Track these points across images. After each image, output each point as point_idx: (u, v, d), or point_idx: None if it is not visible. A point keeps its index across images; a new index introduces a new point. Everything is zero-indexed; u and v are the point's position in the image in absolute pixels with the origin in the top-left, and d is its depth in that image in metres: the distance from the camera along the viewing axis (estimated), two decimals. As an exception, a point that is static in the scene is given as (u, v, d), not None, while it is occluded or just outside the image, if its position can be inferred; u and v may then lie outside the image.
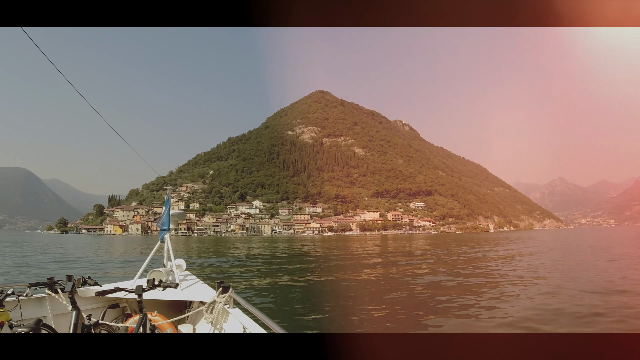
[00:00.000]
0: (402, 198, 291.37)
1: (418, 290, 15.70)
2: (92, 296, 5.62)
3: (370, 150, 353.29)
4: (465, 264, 26.34)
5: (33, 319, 4.26)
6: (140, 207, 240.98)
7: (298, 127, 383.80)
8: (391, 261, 29.15)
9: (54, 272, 22.31)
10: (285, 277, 20.41)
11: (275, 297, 14.58)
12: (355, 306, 12.74)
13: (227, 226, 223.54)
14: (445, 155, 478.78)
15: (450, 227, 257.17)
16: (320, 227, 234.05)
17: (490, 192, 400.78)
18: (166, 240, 6.96)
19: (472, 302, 12.93)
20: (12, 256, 35.61)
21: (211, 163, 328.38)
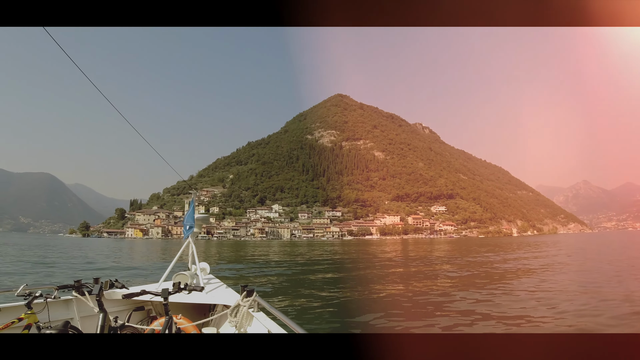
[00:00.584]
0: (422, 202, 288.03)
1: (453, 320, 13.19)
2: (118, 299, 5.62)
3: (390, 154, 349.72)
4: (502, 279, 24.25)
5: (61, 320, 4.28)
6: (161, 210, 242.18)
7: (317, 131, 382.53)
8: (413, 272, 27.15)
9: (79, 275, 22.36)
10: (309, 284, 19.57)
11: (300, 302, 14.09)
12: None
13: (247, 230, 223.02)
14: (466, 158, 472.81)
15: (473, 231, 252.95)
16: (339, 231, 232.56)
17: (513, 196, 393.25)
18: (190, 245, 7.11)
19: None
20: (33, 259, 35.55)
21: (231, 167, 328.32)
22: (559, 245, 68.61)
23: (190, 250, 7.23)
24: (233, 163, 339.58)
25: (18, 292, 4.27)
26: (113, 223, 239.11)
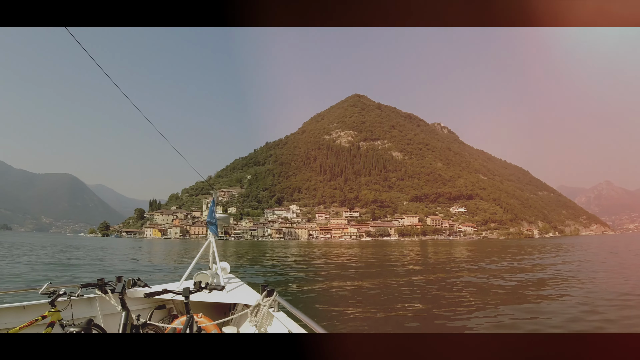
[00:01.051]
0: (441, 202, 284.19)
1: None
2: (140, 297, 5.76)
3: (408, 154, 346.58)
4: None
5: (84, 318, 4.51)
6: (179, 211, 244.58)
7: (335, 131, 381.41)
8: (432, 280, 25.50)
9: (99, 274, 22.15)
10: (328, 287, 18.76)
11: (320, 304, 14.03)
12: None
13: (264, 230, 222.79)
14: (486, 158, 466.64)
15: (493, 233, 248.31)
16: (357, 232, 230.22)
17: (534, 196, 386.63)
18: (211, 244, 7.26)
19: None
20: (52, 257, 36.20)
21: (249, 168, 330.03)
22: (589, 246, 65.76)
23: (211, 249, 7.29)
24: (251, 164, 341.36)
25: (42, 291, 4.34)
26: (132, 223, 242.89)
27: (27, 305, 4.71)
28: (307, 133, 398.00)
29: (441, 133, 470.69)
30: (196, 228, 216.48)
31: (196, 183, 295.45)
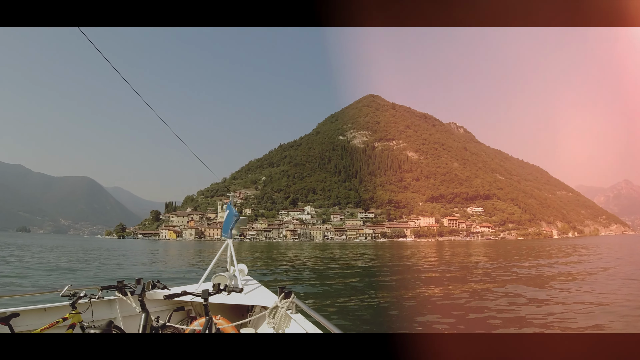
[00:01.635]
0: (458, 203, 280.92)
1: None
2: (159, 299, 5.84)
3: (423, 154, 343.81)
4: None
5: (104, 320, 4.62)
6: (195, 212, 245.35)
7: (349, 132, 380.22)
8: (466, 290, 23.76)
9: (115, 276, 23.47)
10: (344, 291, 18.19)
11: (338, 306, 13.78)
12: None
13: (279, 232, 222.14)
14: (503, 157, 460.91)
15: (511, 233, 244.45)
16: (373, 233, 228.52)
17: (552, 196, 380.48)
18: (229, 246, 7.31)
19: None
20: (69, 260, 35.96)
21: (263, 169, 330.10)
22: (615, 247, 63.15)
23: (228, 252, 7.35)
24: (265, 165, 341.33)
25: (63, 293, 4.44)
26: (148, 225, 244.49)
27: (48, 307, 4.78)
28: (321, 134, 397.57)
29: (457, 132, 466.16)
30: (211, 229, 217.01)
31: (211, 185, 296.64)
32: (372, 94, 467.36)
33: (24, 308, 4.53)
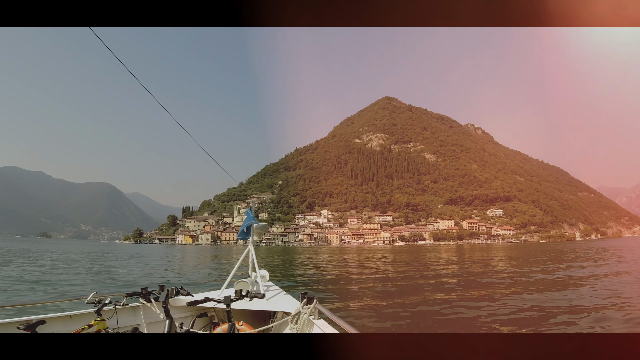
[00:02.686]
0: (478, 205, 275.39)
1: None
2: (183, 305, 5.89)
3: (441, 156, 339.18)
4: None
5: (129, 326, 4.88)
6: (211, 217, 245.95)
7: (365, 135, 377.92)
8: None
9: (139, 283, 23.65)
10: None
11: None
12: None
13: (295, 236, 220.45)
14: (522, 159, 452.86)
15: (533, 236, 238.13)
16: (390, 237, 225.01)
17: (574, 198, 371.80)
18: (251, 252, 7.39)
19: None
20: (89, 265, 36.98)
21: (279, 173, 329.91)
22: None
23: (250, 257, 7.40)
24: (281, 169, 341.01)
25: (88, 300, 4.54)
26: (165, 229, 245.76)
27: (73, 314, 4.84)
28: (337, 137, 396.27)
29: (475, 134, 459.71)
30: (227, 234, 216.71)
31: (228, 189, 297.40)
32: (388, 96, 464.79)
33: (49, 315, 4.59)
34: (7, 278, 23.40)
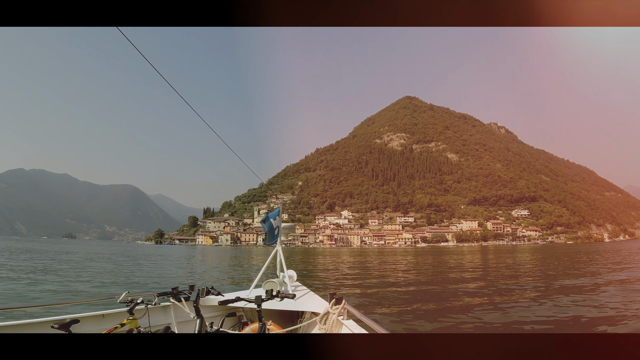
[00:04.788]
0: (502, 205, 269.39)
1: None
2: (213, 305, 6.01)
3: (464, 155, 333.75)
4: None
5: (160, 325, 4.98)
6: (231, 218, 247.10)
7: (386, 135, 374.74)
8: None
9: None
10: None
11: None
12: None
13: (315, 237, 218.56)
14: (547, 158, 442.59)
15: (560, 237, 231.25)
16: (412, 238, 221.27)
17: (601, 197, 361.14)
18: (279, 253, 7.43)
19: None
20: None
21: (300, 174, 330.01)
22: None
23: (278, 258, 7.45)
24: (302, 170, 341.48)
25: (120, 299, 4.66)
26: (186, 230, 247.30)
27: (106, 313, 4.92)
28: (357, 137, 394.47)
29: (498, 133, 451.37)
30: (247, 235, 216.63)
31: (248, 190, 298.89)
32: (408, 95, 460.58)
33: (83, 314, 4.68)
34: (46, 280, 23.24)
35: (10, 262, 36.18)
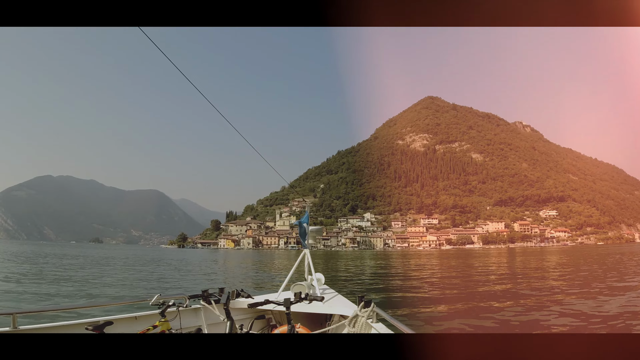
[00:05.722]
0: (529, 206, 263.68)
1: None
2: (243, 307, 6.03)
3: (489, 155, 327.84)
4: None
5: (191, 327, 5.09)
6: (253, 221, 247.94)
7: (408, 136, 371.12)
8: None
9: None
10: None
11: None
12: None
13: (338, 240, 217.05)
14: (575, 156, 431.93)
15: (590, 238, 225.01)
16: (437, 240, 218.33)
17: (630, 197, 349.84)
18: (307, 256, 7.36)
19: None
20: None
21: (321, 177, 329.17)
22: None
23: (306, 261, 7.40)
24: (323, 172, 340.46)
25: (152, 302, 4.79)
26: (209, 234, 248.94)
27: (138, 315, 5.01)
28: (379, 139, 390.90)
29: (523, 132, 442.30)
30: (268, 238, 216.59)
31: (270, 194, 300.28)
32: (430, 95, 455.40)
33: (116, 317, 4.77)
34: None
35: (47, 266, 37.32)
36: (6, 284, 21.66)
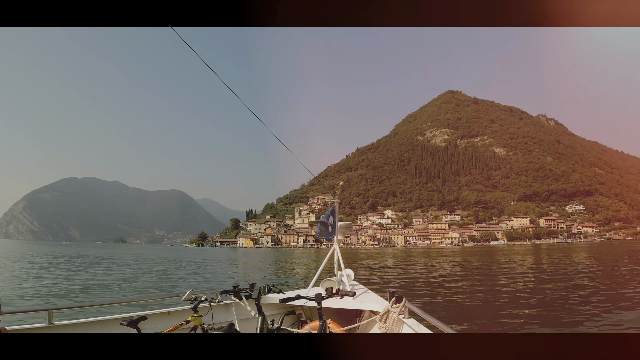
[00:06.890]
0: (555, 201, 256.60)
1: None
2: (274, 303, 6.14)
3: (512, 149, 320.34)
4: None
5: (224, 322, 5.05)
6: (272, 220, 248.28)
7: (429, 131, 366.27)
8: None
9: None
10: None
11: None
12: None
13: (358, 237, 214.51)
14: (601, 150, 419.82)
15: (619, 233, 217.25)
16: (460, 237, 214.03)
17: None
18: (336, 251, 7.41)
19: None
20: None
21: (341, 174, 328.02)
22: None
23: (335, 257, 7.44)
24: (343, 170, 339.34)
25: (185, 297, 4.83)
26: (228, 233, 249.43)
27: (171, 311, 5.18)
28: (399, 135, 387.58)
29: (547, 125, 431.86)
30: (287, 236, 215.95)
31: (290, 192, 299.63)
32: (451, 90, 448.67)
33: (150, 312, 4.90)
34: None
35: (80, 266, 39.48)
36: (54, 285, 22.67)
